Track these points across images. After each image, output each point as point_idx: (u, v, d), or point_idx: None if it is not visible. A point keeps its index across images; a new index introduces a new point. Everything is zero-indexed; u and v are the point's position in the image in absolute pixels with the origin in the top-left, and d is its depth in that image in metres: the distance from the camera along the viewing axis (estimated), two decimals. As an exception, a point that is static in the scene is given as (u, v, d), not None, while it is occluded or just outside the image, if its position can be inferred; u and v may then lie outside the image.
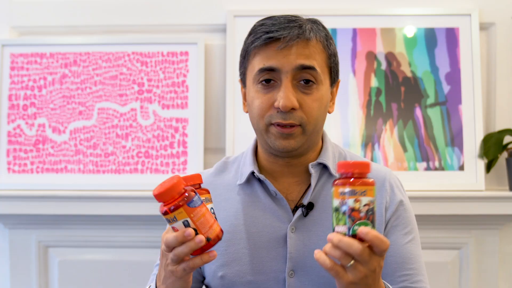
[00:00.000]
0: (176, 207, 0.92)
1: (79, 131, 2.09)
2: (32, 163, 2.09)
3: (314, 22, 1.14)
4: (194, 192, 0.94)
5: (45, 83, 2.11)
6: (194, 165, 2.05)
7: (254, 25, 1.14)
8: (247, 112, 1.17)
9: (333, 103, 1.20)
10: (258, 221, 1.15)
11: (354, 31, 2.10)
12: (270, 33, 1.08)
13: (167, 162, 2.06)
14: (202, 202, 0.94)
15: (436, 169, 2.03)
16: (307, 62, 1.08)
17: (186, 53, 2.10)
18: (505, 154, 2.06)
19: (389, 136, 2.06)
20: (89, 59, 2.12)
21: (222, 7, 2.13)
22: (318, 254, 0.89)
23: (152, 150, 2.07)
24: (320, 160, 1.16)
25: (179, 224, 0.93)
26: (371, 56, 2.09)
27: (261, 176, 1.15)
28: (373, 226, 0.88)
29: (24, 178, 2.08)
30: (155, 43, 2.11)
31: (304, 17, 1.15)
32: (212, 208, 1.03)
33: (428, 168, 2.04)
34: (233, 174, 1.22)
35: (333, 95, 1.20)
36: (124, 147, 2.08)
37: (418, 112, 2.07)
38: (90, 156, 2.08)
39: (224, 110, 2.11)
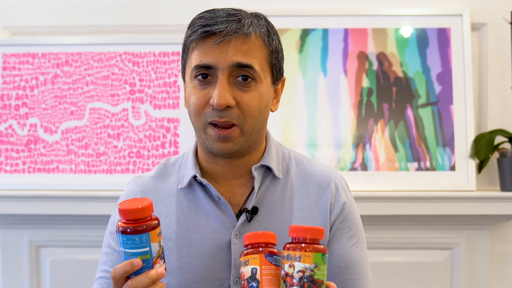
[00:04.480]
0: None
1: (70, 131, 2.09)
2: (23, 163, 2.09)
3: (256, 17, 1.09)
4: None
5: (37, 83, 2.11)
6: (186, 165, 2.05)
7: (193, 18, 1.09)
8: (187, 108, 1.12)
9: (277, 101, 1.15)
10: (201, 227, 1.10)
11: (346, 31, 2.10)
12: (207, 27, 1.03)
13: (158, 162, 2.06)
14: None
15: (427, 169, 2.03)
16: (244, 60, 1.03)
17: (178, 53, 2.10)
18: (496, 154, 2.06)
19: (380, 136, 2.06)
20: (81, 59, 2.12)
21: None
22: None
23: (143, 150, 2.07)
24: (263, 162, 1.12)
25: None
26: (363, 56, 2.09)
27: (204, 181, 1.10)
28: None
29: (15, 178, 2.08)
30: (146, 43, 2.11)
31: (248, 11, 1.09)
32: None
33: (419, 168, 2.04)
34: (174, 177, 1.16)
35: (277, 93, 1.14)
36: (115, 147, 2.08)
37: (409, 112, 2.07)
38: (81, 156, 2.08)
39: (215, 110, 2.10)
